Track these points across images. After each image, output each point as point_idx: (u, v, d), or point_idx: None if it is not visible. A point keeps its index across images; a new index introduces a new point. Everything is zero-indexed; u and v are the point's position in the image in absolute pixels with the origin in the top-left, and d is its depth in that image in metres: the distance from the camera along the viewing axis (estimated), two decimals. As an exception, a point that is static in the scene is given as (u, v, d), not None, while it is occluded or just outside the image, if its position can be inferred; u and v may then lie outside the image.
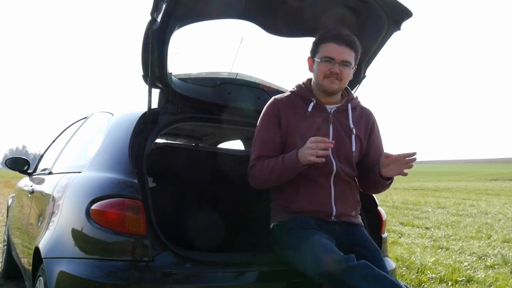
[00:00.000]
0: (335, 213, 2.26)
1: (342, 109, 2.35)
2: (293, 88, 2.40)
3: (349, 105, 2.37)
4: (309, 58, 2.35)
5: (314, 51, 2.31)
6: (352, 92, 2.51)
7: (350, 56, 2.25)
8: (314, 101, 2.31)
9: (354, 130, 2.33)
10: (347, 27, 2.37)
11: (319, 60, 2.26)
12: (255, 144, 2.33)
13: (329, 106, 2.34)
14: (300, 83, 2.41)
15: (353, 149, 2.32)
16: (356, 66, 2.32)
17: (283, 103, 2.33)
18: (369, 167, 2.40)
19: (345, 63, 2.24)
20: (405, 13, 2.57)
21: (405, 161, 2.18)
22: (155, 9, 2.23)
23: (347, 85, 2.52)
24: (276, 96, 2.40)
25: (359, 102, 2.45)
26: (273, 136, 2.30)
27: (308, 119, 2.30)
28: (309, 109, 2.30)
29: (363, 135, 2.38)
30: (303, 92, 2.35)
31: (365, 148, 2.41)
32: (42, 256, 2.27)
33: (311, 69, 2.35)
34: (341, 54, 2.23)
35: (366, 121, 2.41)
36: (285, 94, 2.40)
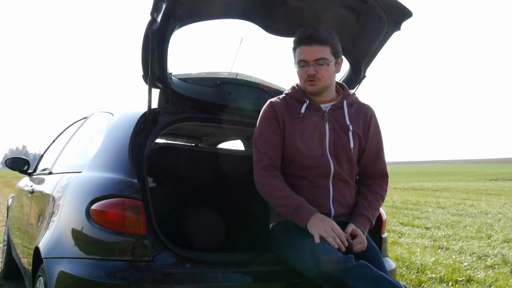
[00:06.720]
0: (333, 214, 2.26)
1: (337, 107, 2.34)
2: (288, 90, 2.40)
3: (345, 102, 2.35)
4: (295, 65, 2.36)
5: (294, 58, 2.31)
6: (351, 91, 2.50)
7: (322, 52, 2.22)
8: (308, 101, 2.31)
9: (350, 127, 2.32)
10: (347, 27, 2.35)
11: (296, 66, 2.28)
12: (260, 145, 2.29)
13: (324, 105, 2.33)
14: (294, 84, 2.41)
15: (351, 146, 2.31)
16: (337, 58, 2.27)
17: (279, 106, 2.33)
18: (364, 163, 2.39)
19: (319, 62, 2.22)
20: (405, 13, 2.57)
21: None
22: (155, 9, 2.23)
23: (345, 83, 2.51)
24: (271, 99, 2.40)
25: (356, 98, 2.43)
26: (276, 137, 2.30)
27: (304, 120, 2.29)
28: (303, 110, 2.30)
29: (362, 131, 2.37)
30: (297, 93, 2.35)
31: (364, 144, 2.39)
32: (42, 256, 2.27)
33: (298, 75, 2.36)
34: (313, 54, 2.21)
35: (364, 116, 2.39)
36: (280, 97, 2.40)
